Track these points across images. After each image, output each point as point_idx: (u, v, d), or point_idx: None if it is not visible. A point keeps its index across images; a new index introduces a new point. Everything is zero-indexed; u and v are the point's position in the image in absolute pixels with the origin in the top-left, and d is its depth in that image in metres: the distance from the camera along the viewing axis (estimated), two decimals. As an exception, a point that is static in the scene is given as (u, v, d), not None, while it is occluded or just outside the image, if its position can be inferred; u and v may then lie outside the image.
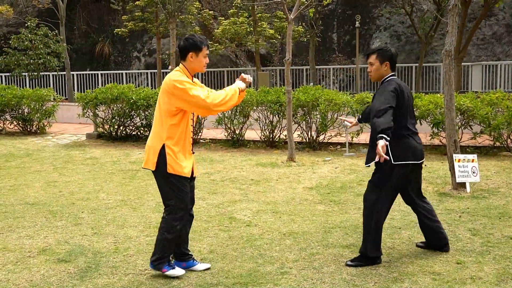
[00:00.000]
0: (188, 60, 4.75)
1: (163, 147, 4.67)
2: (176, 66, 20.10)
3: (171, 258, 4.89)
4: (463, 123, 11.12)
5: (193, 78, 4.84)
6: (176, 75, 4.68)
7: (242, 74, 4.89)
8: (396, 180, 5.05)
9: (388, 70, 5.14)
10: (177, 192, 4.74)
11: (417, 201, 5.32)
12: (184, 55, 4.76)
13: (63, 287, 4.62)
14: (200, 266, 5.00)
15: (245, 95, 5.04)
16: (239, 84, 4.81)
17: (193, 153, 4.94)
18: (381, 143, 4.64)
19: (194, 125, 4.97)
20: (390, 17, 26.85)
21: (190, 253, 5.04)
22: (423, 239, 5.63)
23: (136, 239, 5.91)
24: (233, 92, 4.68)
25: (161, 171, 4.71)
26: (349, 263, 5.04)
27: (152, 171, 4.79)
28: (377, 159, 4.73)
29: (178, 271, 4.83)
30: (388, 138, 4.70)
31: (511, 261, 5.06)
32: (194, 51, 4.72)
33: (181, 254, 4.99)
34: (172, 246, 4.84)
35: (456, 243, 5.62)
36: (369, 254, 5.01)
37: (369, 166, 5.18)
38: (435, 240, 5.36)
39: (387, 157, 4.68)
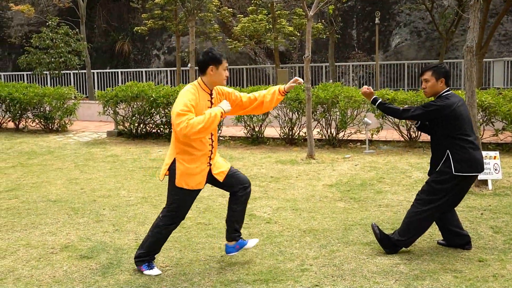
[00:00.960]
0: (208, 74, 4.81)
1: (173, 162, 4.77)
2: (194, 64, 20.19)
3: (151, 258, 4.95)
4: (485, 119, 11.02)
5: (212, 91, 4.90)
6: (184, 90, 4.73)
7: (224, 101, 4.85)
8: (453, 190, 5.16)
9: (444, 86, 5.24)
10: (180, 203, 4.85)
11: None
12: (204, 69, 4.81)
13: (85, 283, 4.67)
14: (251, 243, 5.13)
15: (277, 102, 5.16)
16: (223, 106, 4.76)
17: (210, 165, 4.93)
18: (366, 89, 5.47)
19: (212, 138, 4.91)
20: (410, 13, 26.64)
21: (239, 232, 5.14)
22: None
23: (157, 236, 5.95)
24: (212, 118, 4.59)
25: (171, 180, 4.83)
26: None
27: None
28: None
29: (155, 271, 4.87)
30: (384, 105, 5.39)
31: (534, 259, 5.00)
32: (214, 64, 4.79)
33: (234, 231, 5.07)
34: (158, 247, 4.95)
35: (478, 240, 5.57)
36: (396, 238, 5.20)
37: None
38: (454, 239, 5.37)
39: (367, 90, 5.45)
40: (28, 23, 29.83)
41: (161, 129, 13.60)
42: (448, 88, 5.26)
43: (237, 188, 5.02)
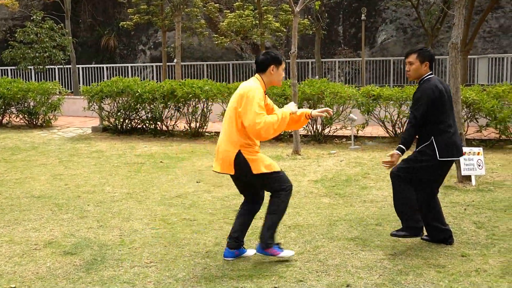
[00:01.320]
0: (268, 73, 4.95)
1: (239, 154, 4.87)
2: (180, 60, 20.13)
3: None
4: (469, 116, 11.10)
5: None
6: (254, 87, 4.83)
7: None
8: (436, 173, 5.26)
9: (427, 70, 5.27)
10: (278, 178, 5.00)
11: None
12: (265, 68, 4.96)
13: (69, 279, 4.65)
14: (250, 252, 5.18)
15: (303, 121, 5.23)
16: (291, 107, 4.98)
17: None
18: (395, 152, 5.26)
19: None
20: (396, 10, 26.72)
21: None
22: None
23: (141, 231, 5.94)
24: (284, 119, 4.83)
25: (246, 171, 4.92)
26: (394, 232, 5.26)
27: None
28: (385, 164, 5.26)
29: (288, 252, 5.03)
30: (405, 150, 5.26)
31: (516, 254, 5.05)
32: (275, 64, 4.94)
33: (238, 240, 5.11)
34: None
35: (461, 236, 5.62)
36: (410, 225, 5.20)
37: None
38: (438, 234, 5.41)
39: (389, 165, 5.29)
40: (12, 17, 29.55)
41: (147, 124, 13.55)
42: (430, 72, 5.29)
43: (257, 197, 5.21)
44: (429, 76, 5.26)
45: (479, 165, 7.93)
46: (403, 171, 5.25)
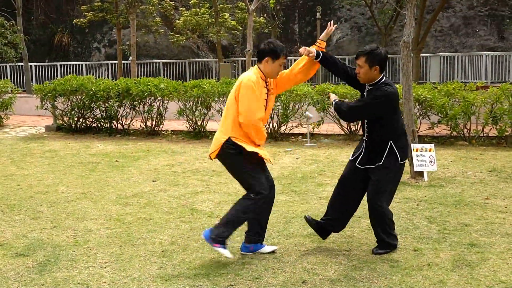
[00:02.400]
0: (263, 63, 4.95)
1: (228, 140, 4.93)
2: (135, 58, 19.92)
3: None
4: (421, 113, 11.33)
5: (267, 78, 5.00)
6: (251, 82, 4.85)
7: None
8: (399, 177, 5.26)
9: (378, 74, 5.02)
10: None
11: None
12: (261, 58, 4.95)
13: (21, 281, 4.56)
14: (267, 248, 5.14)
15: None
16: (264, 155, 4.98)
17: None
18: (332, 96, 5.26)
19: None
20: (351, 9, 27.07)
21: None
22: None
23: (96, 232, 5.86)
24: (260, 140, 4.96)
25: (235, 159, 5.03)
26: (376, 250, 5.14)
27: None
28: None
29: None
30: (338, 102, 5.17)
31: (466, 248, 5.19)
32: (271, 57, 4.89)
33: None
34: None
35: (413, 230, 5.74)
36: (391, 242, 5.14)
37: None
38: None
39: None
40: (-39, 13, 28.69)
41: (102, 123, 13.37)
42: (382, 75, 5.07)
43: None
44: (384, 81, 5.04)
45: (431, 161, 8.11)
46: (386, 197, 5.16)
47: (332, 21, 5.22)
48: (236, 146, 4.88)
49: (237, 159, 4.93)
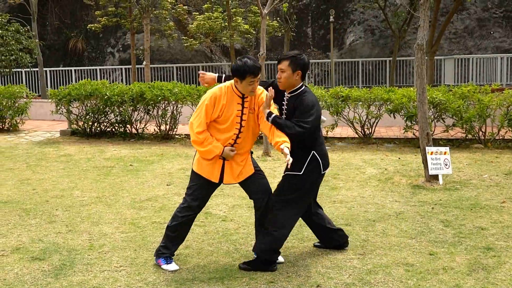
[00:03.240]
0: (235, 81, 4.77)
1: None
2: (149, 62, 20.00)
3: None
4: (435, 116, 11.27)
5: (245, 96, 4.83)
6: (207, 96, 4.80)
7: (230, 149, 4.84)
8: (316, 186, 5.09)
9: (299, 80, 4.87)
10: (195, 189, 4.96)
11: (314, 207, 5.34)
12: (232, 77, 4.81)
13: (37, 285, 4.59)
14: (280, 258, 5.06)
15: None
16: (226, 150, 4.82)
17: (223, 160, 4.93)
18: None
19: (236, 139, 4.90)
20: (364, 12, 26.97)
21: None
22: (398, 231, 5.71)
23: (111, 235, 5.89)
24: (213, 149, 4.79)
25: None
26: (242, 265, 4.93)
27: None
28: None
29: (171, 266, 4.91)
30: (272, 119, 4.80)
31: (482, 252, 5.15)
32: (237, 77, 4.72)
33: None
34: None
35: (428, 234, 5.71)
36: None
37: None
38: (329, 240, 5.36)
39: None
40: (-23, 20, 28.99)
41: (116, 127, 13.44)
42: (302, 83, 4.90)
43: (255, 196, 4.98)
44: (304, 89, 4.88)
45: (446, 165, 8.06)
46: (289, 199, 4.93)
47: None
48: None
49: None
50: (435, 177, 8.03)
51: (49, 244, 5.64)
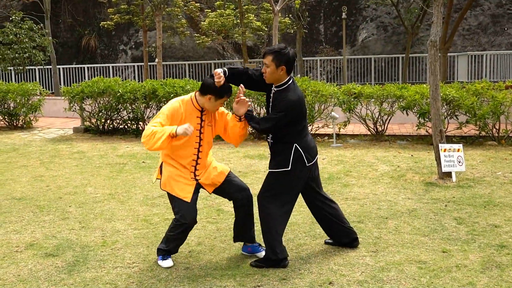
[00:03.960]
0: (205, 98, 4.76)
1: (161, 164, 4.98)
2: (161, 59, 20.06)
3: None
4: (449, 113, 11.20)
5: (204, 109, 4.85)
6: (172, 101, 4.82)
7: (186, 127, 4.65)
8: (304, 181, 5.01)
9: (284, 75, 4.77)
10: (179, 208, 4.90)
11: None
12: (204, 93, 4.75)
13: (51, 281, 4.63)
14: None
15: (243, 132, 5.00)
16: (179, 128, 4.62)
17: (196, 176, 4.93)
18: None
19: (199, 149, 4.90)
20: (377, 8, 26.88)
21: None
22: (411, 229, 5.69)
23: (124, 232, 5.92)
24: (160, 134, 4.58)
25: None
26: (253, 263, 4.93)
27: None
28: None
29: (166, 263, 4.94)
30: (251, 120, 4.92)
31: (496, 249, 5.12)
32: (214, 96, 4.72)
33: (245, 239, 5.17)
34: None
35: (441, 232, 5.68)
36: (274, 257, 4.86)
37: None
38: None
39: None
40: (-9, 18, 29.22)
41: (128, 125, 13.49)
42: (289, 77, 4.82)
43: (235, 195, 5.00)
44: (289, 85, 4.80)
45: (459, 162, 8.01)
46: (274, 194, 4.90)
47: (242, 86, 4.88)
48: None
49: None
50: (448, 174, 7.99)
51: (62, 240, 5.68)
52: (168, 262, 4.91)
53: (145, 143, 4.63)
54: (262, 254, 5.04)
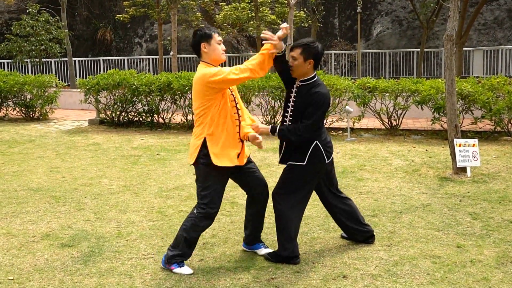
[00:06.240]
0: (203, 53, 4.60)
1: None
2: (176, 52, 20.11)
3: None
4: (464, 108, 11.14)
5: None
6: (206, 70, 4.51)
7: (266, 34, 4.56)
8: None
9: (311, 69, 4.76)
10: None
11: None
12: (198, 50, 4.62)
13: (66, 271, 4.68)
14: (263, 250, 5.01)
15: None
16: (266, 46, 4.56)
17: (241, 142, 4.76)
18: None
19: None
20: (392, 2, 26.73)
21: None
22: (425, 223, 5.68)
23: (138, 223, 5.97)
24: (258, 59, 4.53)
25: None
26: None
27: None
28: None
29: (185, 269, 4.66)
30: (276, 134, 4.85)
31: (511, 245, 5.10)
32: (205, 41, 4.57)
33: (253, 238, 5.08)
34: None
35: (456, 227, 5.66)
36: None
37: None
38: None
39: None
40: (8, 10, 29.43)
41: (143, 117, 13.56)
42: (314, 73, 4.80)
43: (254, 189, 4.87)
44: (317, 79, 4.78)
45: (474, 157, 7.98)
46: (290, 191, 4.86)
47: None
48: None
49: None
50: (463, 169, 7.95)
51: (78, 231, 5.74)
52: (187, 269, 4.60)
53: (252, 71, 4.50)
54: (262, 251, 4.99)
